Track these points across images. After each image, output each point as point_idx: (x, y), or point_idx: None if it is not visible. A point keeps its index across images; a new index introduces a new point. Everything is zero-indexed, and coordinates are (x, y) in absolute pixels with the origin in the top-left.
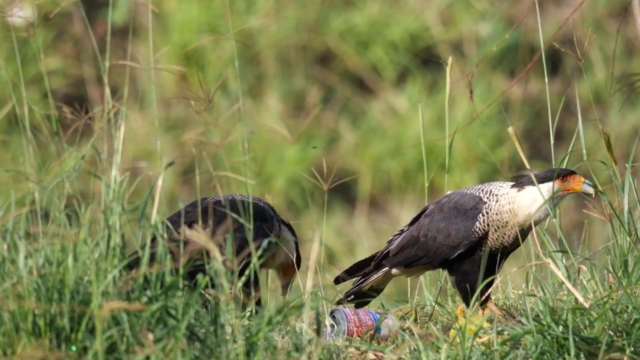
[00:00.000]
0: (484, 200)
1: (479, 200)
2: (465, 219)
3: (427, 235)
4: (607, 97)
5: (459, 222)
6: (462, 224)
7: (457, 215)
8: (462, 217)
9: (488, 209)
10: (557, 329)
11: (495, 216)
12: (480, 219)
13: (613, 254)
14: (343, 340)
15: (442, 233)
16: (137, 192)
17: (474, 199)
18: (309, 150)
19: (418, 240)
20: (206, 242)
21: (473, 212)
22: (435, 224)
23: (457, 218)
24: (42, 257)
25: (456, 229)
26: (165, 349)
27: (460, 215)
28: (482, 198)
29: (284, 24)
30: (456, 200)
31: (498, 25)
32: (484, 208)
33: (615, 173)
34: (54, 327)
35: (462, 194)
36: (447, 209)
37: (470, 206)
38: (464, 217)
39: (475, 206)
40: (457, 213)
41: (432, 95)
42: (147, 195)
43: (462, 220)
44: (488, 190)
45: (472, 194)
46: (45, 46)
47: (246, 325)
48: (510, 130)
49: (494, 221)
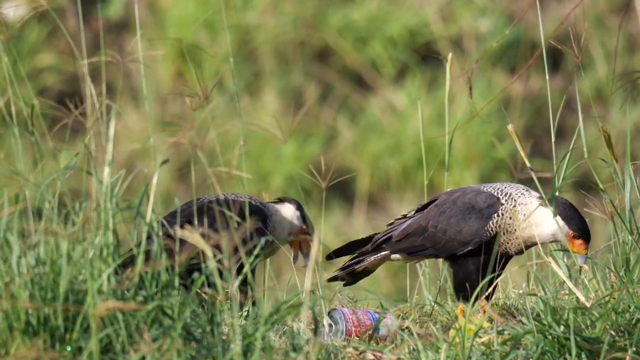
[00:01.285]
0: (501, 202)
1: (496, 200)
2: (480, 217)
3: (436, 226)
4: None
5: (473, 219)
6: (477, 221)
7: (472, 212)
8: (476, 215)
9: (504, 211)
10: (558, 329)
11: (508, 220)
12: (494, 219)
13: (615, 252)
14: (341, 340)
15: (454, 227)
16: (131, 190)
17: (491, 198)
18: (307, 147)
19: (426, 230)
20: (198, 242)
21: (489, 210)
22: (447, 217)
23: (472, 215)
24: (35, 256)
25: (469, 226)
26: (161, 349)
27: (475, 212)
28: (500, 199)
29: (282, 19)
30: (471, 196)
31: (498, 21)
32: (500, 209)
33: (616, 171)
34: (48, 326)
35: (478, 191)
36: (461, 204)
37: (487, 204)
38: (478, 215)
39: (491, 205)
40: (472, 210)
41: (432, 92)
42: (142, 193)
43: (477, 217)
44: (507, 193)
45: (489, 193)
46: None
47: (243, 325)
48: (510, 128)
49: (505, 224)
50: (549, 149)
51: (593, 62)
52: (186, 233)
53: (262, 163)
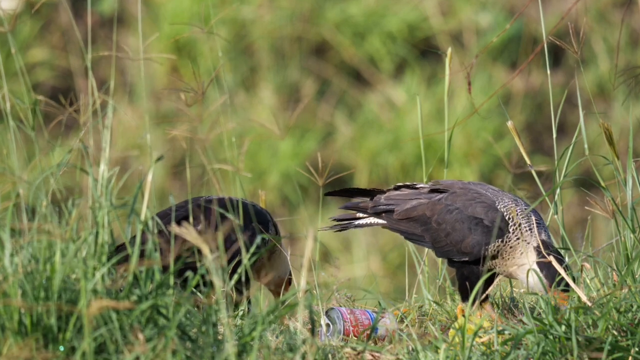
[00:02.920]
0: (509, 229)
1: (506, 225)
2: (486, 234)
3: (440, 224)
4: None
5: (479, 233)
6: (483, 238)
7: (479, 225)
8: (482, 230)
9: (508, 239)
10: (560, 329)
11: (508, 249)
12: (497, 242)
13: (617, 251)
14: (339, 340)
15: (458, 233)
16: (126, 188)
17: (502, 220)
18: (304, 144)
19: (429, 223)
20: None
21: (496, 232)
22: (453, 220)
23: (478, 228)
24: (28, 255)
25: (473, 239)
26: (155, 348)
27: (481, 227)
28: (510, 225)
29: (278, 13)
30: (482, 208)
31: (499, 15)
32: (505, 235)
33: (618, 168)
34: (41, 326)
35: (493, 207)
36: (471, 212)
37: (496, 225)
38: (485, 231)
39: (500, 227)
40: (480, 223)
41: (431, 88)
42: (137, 190)
43: (483, 233)
44: (517, 223)
45: (502, 214)
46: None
47: (239, 324)
48: (510, 125)
49: (503, 252)
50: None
51: (595, 57)
52: (183, 230)
53: (258, 160)
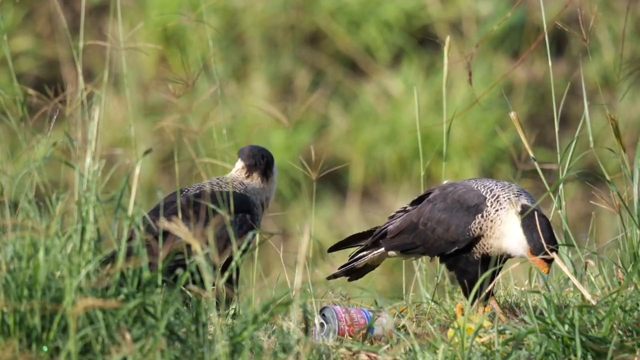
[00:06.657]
0: (486, 203)
1: (483, 200)
2: (467, 215)
3: (426, 224)
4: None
5: (460, 216)
6: (463, 219)
7: (460, 210)
8: (463, 212)
9: (487, 213)
10: (563, 328)
11: (489, 223)
12: (477, 219)
13: (622, 247)
14: (333, 340)
15: (442, 226)
16: (113, 182)
17: (479, 197)
18: (297, 136)
19: (417, 228)
20: (186, 235)
21: (475, 209)
22: (436, 215)
23: (459, 212)
24: (11, 251)
25: (456, 224)
26: (143, 349)
27: (462, 210)
28: (487, 199)
29: (271, 1)
30: (461, 193)
31: (500, 3)
32: (484, 210)
33: (624, 161)
34: (24, 326)
35: (469, 188)
36: (450, 201)
37: (474, 203)
38: (465, 213)
39: (478, 204)
40: (460, 207)
41: (429, 78)
42: (124, 184)
43: (464, 215)
44: (496, 195)
45: (479, 192)
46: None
47: (230, 324)
48: (512, 116)
49: (486, 227)
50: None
51: (600, 46)
52: (173, 226)
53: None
